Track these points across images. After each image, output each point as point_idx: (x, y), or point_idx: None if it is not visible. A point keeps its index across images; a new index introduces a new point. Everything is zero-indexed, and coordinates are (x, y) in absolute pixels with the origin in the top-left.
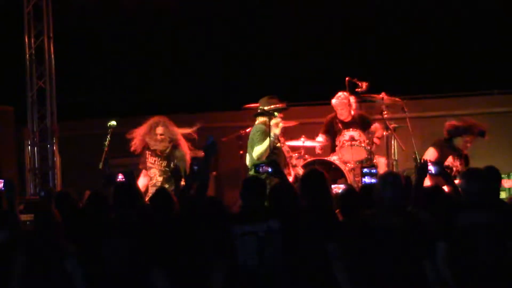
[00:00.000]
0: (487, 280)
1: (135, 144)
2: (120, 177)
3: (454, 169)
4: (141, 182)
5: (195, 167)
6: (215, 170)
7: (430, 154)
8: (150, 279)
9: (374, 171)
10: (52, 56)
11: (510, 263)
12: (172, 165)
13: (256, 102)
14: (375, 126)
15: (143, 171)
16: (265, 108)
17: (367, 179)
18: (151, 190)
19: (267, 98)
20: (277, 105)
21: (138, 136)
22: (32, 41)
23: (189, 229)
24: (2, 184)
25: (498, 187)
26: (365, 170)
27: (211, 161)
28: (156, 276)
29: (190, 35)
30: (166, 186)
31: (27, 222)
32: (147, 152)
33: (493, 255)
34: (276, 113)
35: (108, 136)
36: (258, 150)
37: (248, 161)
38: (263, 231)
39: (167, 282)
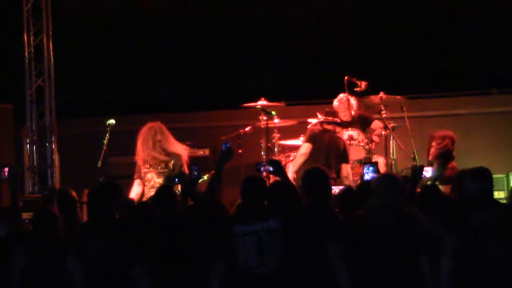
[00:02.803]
0: (497, 278)
1: (138, 159)
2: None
3: None
4: (134, 191)
5: (195, 173)
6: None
7: None
8: (132, 278)
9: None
10: (51, 54)
11: None
12: (170, 165)
13: (254, 101)
14: (375, 123)
15: (136, 180)
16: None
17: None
18: (149, 193)
19: None
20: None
21: (140, 152)
22: (32, 39)
23: (188, 228)
24: (7, 172)
25: (492, 187)
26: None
27: (224, 167)
28: (137, 275)
29: (189, 35)
30: None
31: (26, 221)
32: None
33: (504, 254)
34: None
35: (107, 135)
36: None
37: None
38: (264, 230)
39: (148, 281)
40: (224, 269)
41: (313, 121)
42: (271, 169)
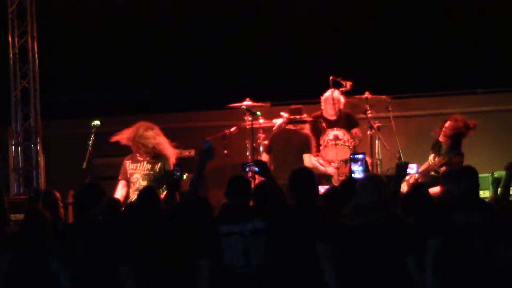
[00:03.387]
0: (479, 278)
1: (122, 139)
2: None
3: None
4: (119, 193)
5: (178, 173)
6: None
7: None
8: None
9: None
10: (36, 55)
11: (500, 261)
12: (156, 168)
13: (239, 101)
14: (356, 131)
15: (121, 182)
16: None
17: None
18: (134, 196)
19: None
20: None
21: (125, 136)
22: (16, 40)
23: (173, 228)
24: None
25: (478, 186)
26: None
27: (205, 165)
28: (123, 276)
29: (174, 35)
30: None
31: (11, 222)
32: (126, 161)
33: (486, 253)
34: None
35: (92, 136)
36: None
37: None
38: (249, 230)
39: (134, 282)
40: (210, 269)
41: (277, 121)
42: (256, 169)
